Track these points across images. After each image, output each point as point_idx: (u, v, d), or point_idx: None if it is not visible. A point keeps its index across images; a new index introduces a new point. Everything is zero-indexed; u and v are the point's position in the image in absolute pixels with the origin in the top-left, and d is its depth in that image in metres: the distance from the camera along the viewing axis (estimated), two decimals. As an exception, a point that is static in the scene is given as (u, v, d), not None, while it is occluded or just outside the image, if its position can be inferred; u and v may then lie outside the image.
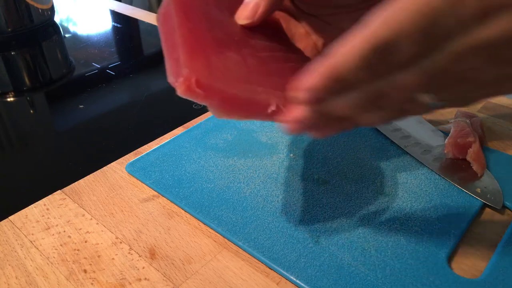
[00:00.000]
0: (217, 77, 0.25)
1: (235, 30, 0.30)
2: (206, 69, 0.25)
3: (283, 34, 0.35)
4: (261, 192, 0.38)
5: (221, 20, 0.30)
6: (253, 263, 0.33)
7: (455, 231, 0.34)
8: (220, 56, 0.27)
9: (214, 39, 0.27)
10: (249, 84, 0.27)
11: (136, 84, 0.62)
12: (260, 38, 0.31)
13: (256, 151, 0.43)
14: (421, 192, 0.38)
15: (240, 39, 0.29)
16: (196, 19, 0.28)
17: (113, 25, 0.84)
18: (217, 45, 0.27)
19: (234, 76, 0.26)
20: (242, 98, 0.26)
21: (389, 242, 0.33)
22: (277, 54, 0.31)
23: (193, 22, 0.27)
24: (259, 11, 0.30)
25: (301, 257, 0.32)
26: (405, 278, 0.31)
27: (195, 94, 0.24)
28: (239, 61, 0.27)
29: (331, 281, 0.30)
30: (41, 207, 0.38)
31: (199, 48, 0.26)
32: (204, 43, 0.27)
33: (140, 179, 0.40)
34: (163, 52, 0.28)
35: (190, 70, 0.24)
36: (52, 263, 0.33)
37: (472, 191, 0.37)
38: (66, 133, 0.52)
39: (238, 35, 0.30)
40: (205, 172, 0.41)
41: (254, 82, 0.27)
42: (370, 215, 0.36)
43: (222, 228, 0.35)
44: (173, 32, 0.27)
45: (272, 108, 0.26)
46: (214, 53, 0.26)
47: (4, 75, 0.67)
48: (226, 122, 0.48)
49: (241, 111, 0.26)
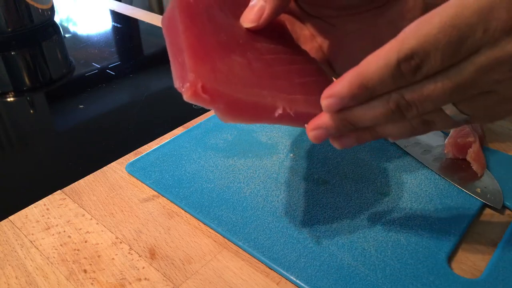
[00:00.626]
0: (223, 82, 0.25)
1: (240, 33, 0.30)
2: (211, 74, 0.25)
3: (288, 36, 0.34)
4: (261, 192, 0.38)
5: (226, 23, 0.30)
6: (253, 263, 0.33)
7: (455, 231, 0.34)
8: (225, 60, 0.27)
9: (219, 43, 0.27)
10: (254, 88, 0.27)
11: (136, 84, 0.62)
12: (265, 40, 0.31)
13: (256, 151, 0.43)
14: (421, 192, 0.38)
15: (245, 43, 0.29)
16: (201, 23, 0.28)
17: (113, 25, 0.84)
18: (222, 49, 0.27)
19: (240, 80, 0.26)
20: (248, 102, 0.26)
21: (389, 242, 0.33)
22: (283, 56, 0.31)
23: (198, 26, 0.27)
24: (264, 15, 0.30)
25: (301, 257, 0.32)
26: (405, 278, 0.31)
27: (201, 99, 0.24)
28: (244, 65, 0.27)
29: (331, 281, 0.30)
30: (41, 207, 0.38)
31: (204, 52, 0.26)
32: (209, 48, 0.27)
33: (140, 179, 0.40)
34: (169, 56, 0.28)
35: (196, 75, 0.24)
36: (52, 263, 0.33)
37: (472, 191, 0.37)
38: (66, 133, 0.52)
39: (243, 38, 0.30)
40: (205, 172, 0.41)
41: (259, 86, 0.27)
42: (370, 215, 0.36)
43: (222, 228, 0.35)
44: (178, 36, 0.27)
45: (279, 111, 0.27)
46: (219, 58, 0.26)
47: (4, 75, 0.67)
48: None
49: (248, 115, 0.26)
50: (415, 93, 0.23)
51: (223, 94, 0.25)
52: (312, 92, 0.29)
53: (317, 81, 0.31)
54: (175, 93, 0.25)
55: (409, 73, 0.22)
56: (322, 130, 0.27)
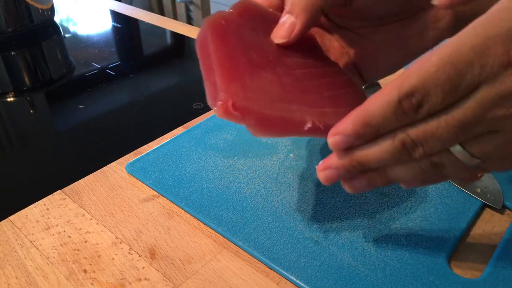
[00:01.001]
0: (253, 99, 0.27)
1: (270, 49, 0.30)
2: (241, 92, 0.26)
3: (318, 49, 0.35)
4: (261, 192, 0.38)
5: (257, 41, 0.30)
6: (253, 263, 0.33)
7: (455, 231, 0.34)
8: (255, 78, 0.28)
9: (249, 61, 0.28)
10: (283, 103, 0.27)
11: (136, 84, 0.62)
12: (295, 55, 0.31)
13: (256, 151, 0.43)
14: (421, 192, 0.38)
15: (275, 58, 0.30)
16: (231, 43, 0.28)
17: (113, 25, 0.84)
18: (252, 66, 0.28)
19: (269, 96, 0.27)
20: (278, 117, 0.27)
21: (389, 242, 0.33)
22: (313, 70, 0.31)
23: (228, 46, 0.28)
24: (295, 30, 0.30)
25: (301, 257, 0.32)
26: (405, 278, 0.31)
27: (233, 116, 0.26)
28: (274, 81, 0.28)
29: (331, 281, 0.30)
30: (41, 207, 0.38)
31: (234, 71, 0.27)
32: (239, 66, 0.27)
33: (140, 179, 0.40)
34: (202, 75, 0.29)
35: (227, 94, 0.26)
36: (52, 263, 0.33)
37: (472, 191, 0.37)
38: (66, 133, 0.52)
39: (273, 54, 0.30)
40: (205, 172, 0.41)
41: (289, 101, 0.28)
42: (370, 215, 0.36)
43: (222, 228, 0.35)
44: (209, 56, 0.28)
45: (308, 125, 0.27)
46: (249, 75, 0.27)
47: (4, 75, 0.67)
48: (226, 122, 0.48)
49: (278, 129, 0.27)
50: (419, 130, 0.23)
51: (253, 111, 0.26)
52: (342, 104, 0.30)
53: (348, 93, 0.31)
54: (175, 93, 0.25)
55: (411, 110, 0.23)
56: (332, 171, 0.28)
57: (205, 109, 0.53)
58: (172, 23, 0.82)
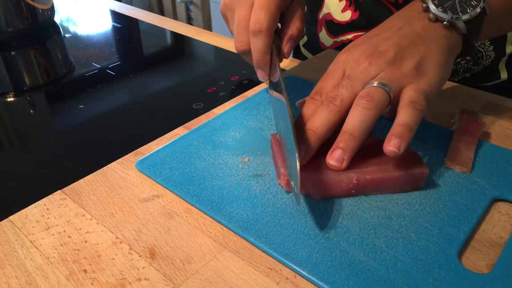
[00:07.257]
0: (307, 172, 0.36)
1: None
2: None
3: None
4: (271, 189, 0.38)
5: None
6: (253, 263, 0.33)
7: (464, 227, 0.34)
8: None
9: None
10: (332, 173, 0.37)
11: (136, 84, 0.62)
12: None
13: (265, 148, 0.43)
14: (430, 189, 0.38)
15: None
16: None
17: (113, 25, 0.84)
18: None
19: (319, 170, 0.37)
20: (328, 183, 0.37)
21: (400, 238, 0.33)
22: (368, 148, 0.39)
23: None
24: (344, 162, 0.37)
25: (312, 253, 0.32)
26: (416, 273, 0.31)
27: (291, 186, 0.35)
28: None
29: (343, 276, 0.31)
30: (41, 207, 0.38)
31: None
32: None
33: (151, 176, 0.40)
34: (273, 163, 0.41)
35: (285, 170, 0.37)
36: (52, 263, 0.33)
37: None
38: (66, 133, 0.52)
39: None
40: (214, 169, 0.41)
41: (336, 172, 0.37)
42: (380, 211, 0.36)
43: (233, 225, 0.35)
44: (275, 154, 0.40)
45: (354, 181, 0.37)
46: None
47: (4, 75, 0.67)
48: (234, 121, 0.48)
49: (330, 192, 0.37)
50: None
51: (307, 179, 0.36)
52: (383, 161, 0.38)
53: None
54: (175, 93, 0.25)
55: None
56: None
57: (204, 109, 0.53)
58: (172, 23, 0.82)
